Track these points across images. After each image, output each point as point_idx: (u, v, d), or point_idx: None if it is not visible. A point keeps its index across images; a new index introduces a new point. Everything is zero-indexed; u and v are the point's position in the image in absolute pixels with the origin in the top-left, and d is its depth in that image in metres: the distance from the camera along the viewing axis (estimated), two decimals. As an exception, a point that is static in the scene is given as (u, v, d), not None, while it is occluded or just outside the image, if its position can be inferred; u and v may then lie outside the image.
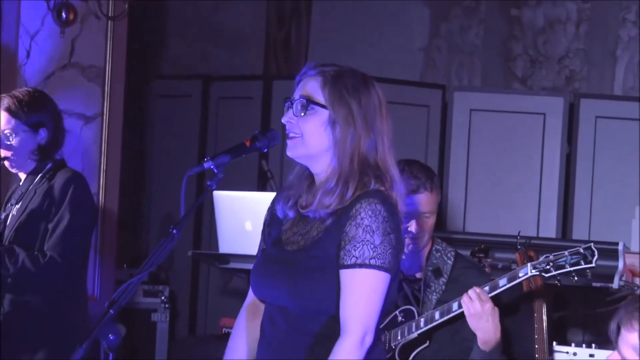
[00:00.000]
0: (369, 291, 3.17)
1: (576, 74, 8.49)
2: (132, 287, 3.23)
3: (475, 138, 7.96)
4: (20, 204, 4.71)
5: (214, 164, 3.30)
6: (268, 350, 3.33)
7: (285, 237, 3.36)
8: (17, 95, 4.71)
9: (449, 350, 4.43)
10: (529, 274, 4.15)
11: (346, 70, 3.36)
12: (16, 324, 4.64)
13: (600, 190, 7.75)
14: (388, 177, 3.28)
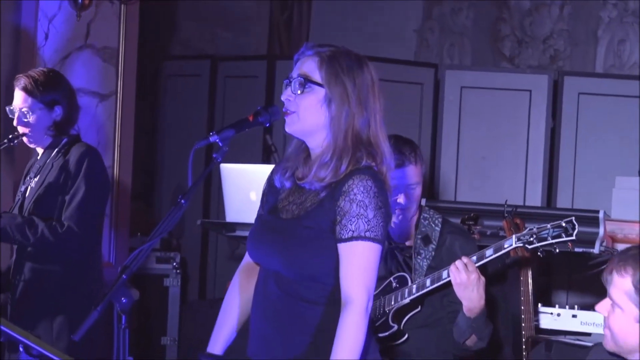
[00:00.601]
0: (367, 261, 3.17)
1: (560, 53, 8.48)
2: (144, 253, 3.23)
3: (465, 114, 7.95)
4: (38, 177, 4.71)
5: (219, 137, 3.29)
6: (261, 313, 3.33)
7: (281, 206, 3.35)
8: (32, 75, 4.70)
9: (440, 313, 4.44)
10: (514, 245, 4.15)
11: (342, 51, 3.34)
12: (36, 291, 4.64)
13: (583, 161, 7.74)
14: (379, 153, 3.27)
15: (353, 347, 3.10)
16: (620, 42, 8.17)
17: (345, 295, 3.14)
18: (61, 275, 4.60)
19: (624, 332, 3.10)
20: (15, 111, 4.68)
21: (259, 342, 3.33)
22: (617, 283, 3.10)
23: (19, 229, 4.55)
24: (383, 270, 4.44)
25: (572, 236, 4.07)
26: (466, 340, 4.30)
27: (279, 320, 3.26)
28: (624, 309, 3.08)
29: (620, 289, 3.09)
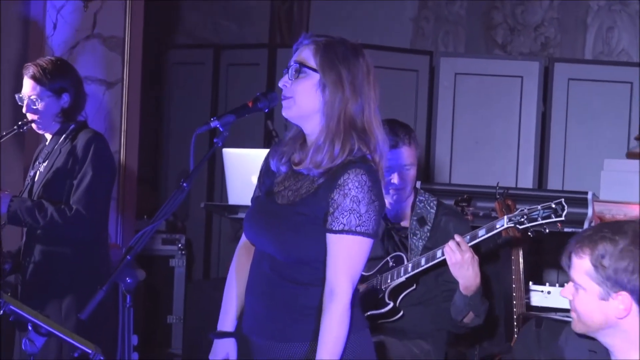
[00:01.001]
0: (355, 254, 3.17)
1: (550, 40, 8.46)
2: (147, 234, 3.22)
3: (459, 99, 7.95)
4: (46, 162, 4.70)
5: (220, 123, 3.28)
6: (254, 292, 3.33)
7: (276, 190, 3.33)
8: (40, 63, 4.69)
9: (434, 292, 4.45)
10: (505, 225, 4.16)
11: (338, 40, 3.32)
12: (45, 272, 4.63)
13: (573, 145, 7.74)
14: (372, 139, 3.24)
15: (338, 337, 3.11)
16: (608, 29, 8.15)
17: (330, 286, 3.14)
18: (70, 257, 4.59)
19: (590, 312, 3.06)
20: (24, 99, 4.67)
21: (252, 320, 3.34)
22: (577, 265, 3.07)
23: (29, 212, 4.54)
24: (380, 250, 4.45)
25: (561, 217, 4.07)
26: (464, 317, 4.31)
27: (271, 300, 3.26)
28: (587, 289, 3.04)
29: (581, 270, 3.06)
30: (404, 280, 4.34)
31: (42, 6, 6.20)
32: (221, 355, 3.52)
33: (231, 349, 3.52)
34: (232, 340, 3.51)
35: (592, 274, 3.02)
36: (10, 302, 3.44)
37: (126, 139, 6.44)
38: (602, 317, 3.05)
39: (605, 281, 3.01)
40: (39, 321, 3.41)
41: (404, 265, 4.34)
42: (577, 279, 3.06)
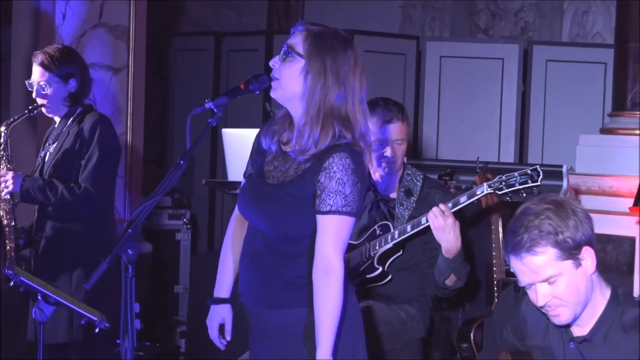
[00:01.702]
0: (343, 232, 3.16)
1: (530, 24, 8.46)
2: (147, 209, 3.21)
3: (445, 80, 7.95)
4: (56, 144, 4.70)
5: (214, 104, 3.27)
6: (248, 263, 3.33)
7: (267, 169, 3.33)
8: (48, 51, 4.68)
9: (419, 257, 4.46)
10: (485, 191, 4.13)
11: (330, 30, 3.29)
12: (56, 247, 4.63)
13: (551, 122, 7.76)
14: (357, 127, 3.21)
15: (337, 308, 3.10)
16: (583, 13, 8.16)
17: (325, 262, 3.13)
18: (79, 232, 4.59)
19: (577, 288, 2.96)
20: (34, 84, 4.66)
21: (247, 291, 3.34)
22: (539, 263, 2.92)
23: (40, 191, 4.54)
24: (367, 219, 4.47)
25: (537, 182, 4.06)
26: (446, 279, 4.31)
27: (264, 273, 3.26)
28: (563, 272, 2.93)
29: (549, 263, 2.92)
30: (391, 246, 4.35)
31: (51, -4, 6.20)
32: (217, 320, 3.53)
33: (227, 314, 3.53)
34: (228, 306, 3.52)
35: (559, 255, 2.92)
36: (21, 273, 3.45)
37: (132, 122, 6.43)
38: (585, 283, 2.97)
39: (570, 251, 2.93)
40: (48, 291, 3.42)
41: (391, 233, 4.35)
42: (549, 272, 2.93)
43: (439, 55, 7.94)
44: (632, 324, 2.95)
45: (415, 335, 4.41)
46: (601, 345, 2.99)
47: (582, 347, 3.03)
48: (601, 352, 2.98)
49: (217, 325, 3.52)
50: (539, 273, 2.93)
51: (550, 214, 2.92)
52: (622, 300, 3.02)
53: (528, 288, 2.99)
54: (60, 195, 4.52)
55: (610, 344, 2.97)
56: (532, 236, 2.91)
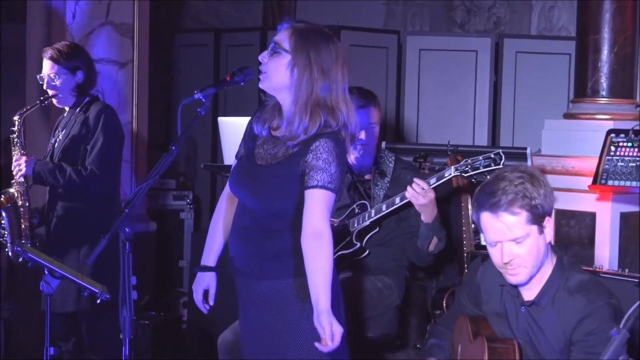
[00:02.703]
0: (327, 205, 3.19)
1: (501, 19, 8.43)
2: (143, 190, 3.24)
3: (424, 71, 7.92)
4: (64, 131, 4.72)
5: (202, 95, 3.30)
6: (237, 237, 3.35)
7: (257, 152, 3.35)
8: (57, 47, 4.72)
9: (394, 233, 4.47)
10: (452, 174, 4.17)
11: (313, 27, 3.32)
12: (66, 225, 4.66)
13: (520, 108, 7.74)
14: (340, 115, 3.24)
15: (329, 268, 3.13)
16: (550, 8, 8.12)
17: (315, 229, 3.15)
18: (86, 211, 4.63)
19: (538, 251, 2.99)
20: (44, 77, 4.68)
21: (237, 263, 3.36)
22: (513, 222, 2.95)
23: (51, 173, 4.57)
24: (347, 199, 4.47)
25: (499, 165, 4.07)
26: (429, 244, 4.33)
27: (250, 245, 3.29)
28: (529, 234, 2.96)
29: (520, 224, 2.95)
30: (368, 224, 4.37)
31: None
32: (202, 286, 3.55)
33: (212, 281, 3.55)
34: (213, 274, 3.55)
35: (530, 219, 2.95)
36: (29, 250, 3.45)
37: (137, 111, 6.45)
38: (543, 249, 3.02)
39: (538, 217, 2.97)
40: (53, 266, 3.43)
41: (368, 211, 4.36)
42: (519, 232, 2.96)
43: (419, 48, 7.91)
44: (576, 287, 2.98)
45: (391, 303, 4.43)
46: (549, 307, 3.01)
47: (532, 310, 3.05)
48: (549, 314, 3.01)
49: (202, 290, 3.54)
50: (511, 231, 2.95)
51: (526, 182, 2.96)
52: (567, 267, 3.05)
53: (493, 246, 3.00)
54: (68, 177, 4.54)
55: (557, 306, 3.00)
56: (510, 198, 2.93)
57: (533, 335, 3.04)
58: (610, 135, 5.30)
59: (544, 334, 3.01)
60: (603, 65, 6.06)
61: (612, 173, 5.20)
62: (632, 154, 5.17)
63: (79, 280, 3.49)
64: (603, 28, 6.02)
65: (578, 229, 5.90)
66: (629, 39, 6.06)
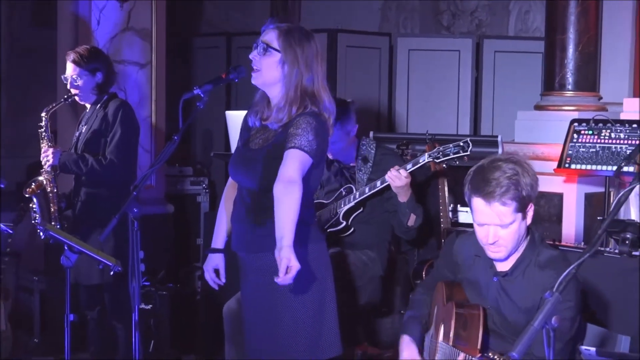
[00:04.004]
0: (303, 164, 3.16)
1: (483, 22, 8.42)
2: (148, 176, 3.30)
3: (413, 68, 7.93)
4: (86, 126, 4.75)
5: (201, 90, 3.35)
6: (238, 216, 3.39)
7: (251, 140, 3.39)
8: (79, 51, 4.73)
9: (377, 212, 4.49)
10: (426, 160, 4.19)
11: (295, 27, 3.36)
12: (89, 208, 4.69)
13: (499, 101, 7.75)
14: (321, 102, 3.28)
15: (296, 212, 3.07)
16: (525, 12, 8.12)
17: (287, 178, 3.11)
18: (107, 196, 4.63)
19: (520, 235, 2.99)
20: (68, 78, 4.71)
21: (238, 240, 3.39)
22: (505, 210, 2.93)
23: (75, 163, 4.61)
24: (335, 184, 4.50)
25: (467, 152, 4.09)
26: (408, 221, 4.34)
27: (248, 222, 3.32)
28: (515, 220, 2.95)
29: (509, 212, 2.93)
30: (353, 204, 4.39)
31: (88, 7, 6.19)
32: (212, 265, 3.60)
33: (220, 261, 3.59)
34: (221, 255, 3.59)
35: (517, 208, 2.94)
36: (50, 229, 3.51)
37: (156, 106, 6.47)
38: (524, 232, 3.01)
39: (524, 206, 2.96)
40: (72, 242, 3.48)
41: (353, 194, 4.39)
42: (507, 220, 2.94)
43: (408, 49, 7.92)
44: (546, 262, 2.99)
45: (375, 274, 4.46)
46: (520, 279, 3.02)
47: (503, 280, 3.06)
48: (519, 285, 3.02)
49: (212, 269, 3.59)
50: (500, 218, 2.94)
51: (518, 174, 2.94)
52: (538, 243, 3.06)
53: (480, 225, 3.00)
54: (90, 166, 4.58)
55: (528, 278, 3.01)
56: (503, 190, 2.91)
57: (501, 302, 3.05)
58: (573, 124, 5.31)
59: (512, 301, 3.02)
60: (569, 62, 6.07)
61: (575, 158, 5.21)
62: (592, 141, 5.19)
63: (94, 255, 3.53)
64: (569, 29, 6.04)
65: (547, 208, 5.92)
66: (592, 38, 6.08)
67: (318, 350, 3.30)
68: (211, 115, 7.80)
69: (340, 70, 7.66)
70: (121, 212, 3.16)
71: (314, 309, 3.27)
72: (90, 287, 4.72)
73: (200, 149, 8.53)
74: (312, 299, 3.27)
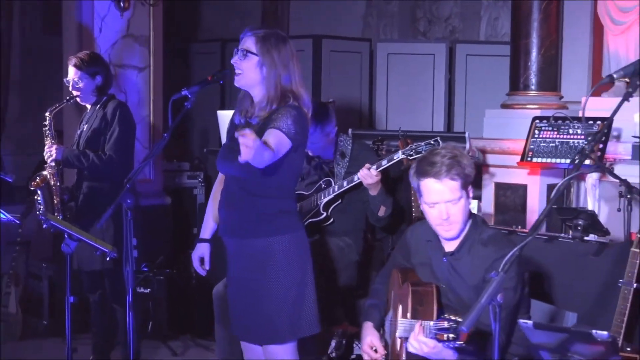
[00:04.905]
0: (280, 141, 3.15)
1: (456, 28, 8.45)
2: (140, 169, 3.32)
3: (391, 71, 7.93)
4: (87, 124, 4.76)
5: (189, 92, 3.39)
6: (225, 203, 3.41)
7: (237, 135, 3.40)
8: (80, 56, 4.74)
9: (354, 203, 4.51)
10: (400, 156, 4.19)
11: (271, 32, 3.37)
12: (90, 200, 4.70)
13: (470, 100, 7.77)
14: (300, 98, 3.31)
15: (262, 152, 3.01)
16: (495, 19, 8.14)
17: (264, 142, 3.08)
18: (106, 189, 4.62)
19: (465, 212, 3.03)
20: (70, 81, 4.72)
21: (226, 225, 3.41)
22: (450, 187, 3.00)
23: (76, 158, 4.62)
24: (315, 176, 4.52)
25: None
26: (378, 211, 4.37)
27: (235, 209, 3.34)
28: (461, 196, 3.01)
29: (456, 188, 3.00)
30: (332, 197, 4.42)
31: (91, 16, 6.20)
32: (199, 254, 3.66)
33: (206, 250, 3.65)
34: (207, 244, 3.65)
35: (462, 185, 3.00)
36: (51, 218, 3.53)
37: (154, 106, 6.50)
38: (468, 210, 3.07)
39: (467, 185, 3.02)
40: (71, 231, 3.50)
41: (332, 187, 4.41)
42: (456, 195, 3.00)
43: (387, 53, 7.93)
44: (488, 240, 3.05)
45: (351, 258, 4.48)
46: (466, 257, 3.07)
47: (451, 259, 3.11)
48: (466, 262, 3.07)
49: (198, 257, 3.65)
50: (449, 193, 3.00)
51: (457, 156, 3.02)
52: (480, 224, 3.11)
53: (432, 207, 3.04)
54: (91, 161, 4.60)
55: (473, 255, 3.05)
56: (449, 167, 2.99)
57: (452, 280, 3.09)
58: (535, 121, 5.36)
59: (462, 278, 3.06)
60: (532, 65, 6.13)
61: (536, 152, 5.26)
62: (552, 136, 5.24)
63: (91, 242, 3.56)
64: (532, 34, 6.09)
65: (513, 198, 5.97)
66: (554, 42, 6.13)
67: (298, 329, 3.34)
68: (207, 114, 7.82)
69: (324, 73, 7.70)
70: (116, 202, 3.19)
71: (294, 291, 3.30)
72: (92, 272, 4.74)
73: (197, 146, 8.55)
74: (293, 282, 3.30)
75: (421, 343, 2.78)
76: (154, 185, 6.48)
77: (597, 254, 3.88)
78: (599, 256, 3.87)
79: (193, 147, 8.66)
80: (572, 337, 2.29)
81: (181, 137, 8.64)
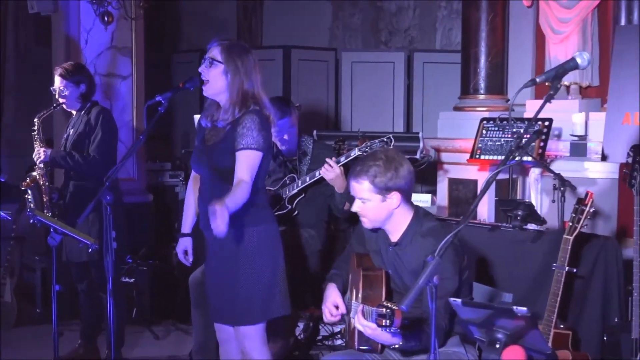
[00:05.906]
0: (252, 161, 3.23)
1: (414, 38, 8.51)
2: (118, 168, 3.33)
3: (355, 78, 7.99)
4: (73, 129, 4.74)
5: (162, 98, 3.38)
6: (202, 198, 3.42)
7: (206, 138, 3.44)
8: (65, 66, 4.73)
9: (316, 197, 4.52)
10: (357, 153, 4.18)
11: (236, 42, 3.40)
12: (77, 199, 4.68)
13: (428, 103, 7.84)
14: (261, 103, 3.34)
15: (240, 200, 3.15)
16: (449, 30, 8.22)
17: (239, 178, 3.20)
18: (91, 188, 4.57)
19: (377, 212, 3.08)
20: (56, 89, 4.71)
21: (202, 218, 3.43)
22: (360, 188, 3.06)
23: (63, 159, 4.62)
24: (280, 173, 4.54)
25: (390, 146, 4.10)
26: (343, 206, 4.40)
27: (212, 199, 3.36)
28: (371, 199, 3.05)
29: (364, 190, 3.05)
30: (296, 191, 4.44)
31: (77, 29, 6.21)
32: (182, 247, 3.68)
33: (188, 243, 3.67)
34: (189, 238, 3.66)
35: (372, 189, 3.04)
36: (37, 214, 3.53)
37: (136, 112, 6.48)
38: (385, 212, 3.09)
39: (381, 190, 3.04)
40: (56, 225, 3.51)
41: (296, 182, 4.43)
42: (363, 195, 3.06)
43: (351, 61, 7.99)
44: (427, 232, 3.08)
45: (314, 248, 4.50)
46: (408, 247, 3.10)
47: (396, 249, 3.15)
48: (409, 252, 3.10)
49: (182, 250, 3.67)
50: (359, 193, 3.08)
51: (380, 163, 3.03)
52: (421, 217, 3.14)
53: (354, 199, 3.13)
54: (76, 161, 4.59)
55: (414, 246, 3.09)
56: (362, 173, 3.04)
57: (398, 267, 3.14)
58: (483, 122, 5.43)
59: (405, 267, 3.11)
60: (481, 71, 6.21)
61: (484, 150, 5.33)
62: (497, 136, 5.31)
63: (75, 235, 3.57)
64: (480, 43, 6.18)
65: (465, 192, 6.05)
66: (500, 51, 6.22)
67: (269, 311, 3.39)
68: (188, 118, 7.81)
69: (293, 80, 7.73)
70: (96, 199, 3.20)
71: (266, 277, 3.34)
72: (80, 263, 4.74)
73: (179, 147, 8.54)
74: (265, 269, 3.34)
75: (364, 326, 2.85)
76: (137, 183, 6.49)
77: (534, 241, 3.95)
78: (535, 243, 3.94)
79: (175, 148, 8.66)
80: (495, 313, 2.35)
81: (164, 139, 8.63)
